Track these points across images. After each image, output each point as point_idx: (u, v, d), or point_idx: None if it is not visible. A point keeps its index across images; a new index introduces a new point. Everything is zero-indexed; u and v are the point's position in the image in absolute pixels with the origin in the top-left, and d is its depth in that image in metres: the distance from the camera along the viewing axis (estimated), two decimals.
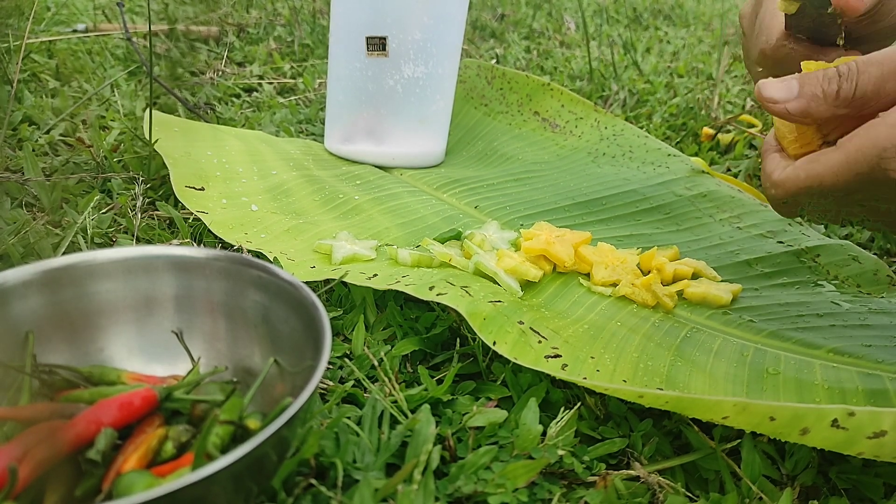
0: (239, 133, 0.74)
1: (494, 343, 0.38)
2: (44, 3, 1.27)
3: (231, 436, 0.30)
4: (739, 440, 0.35)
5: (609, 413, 0.39)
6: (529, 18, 1.57)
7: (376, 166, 0.72)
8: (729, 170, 0.80)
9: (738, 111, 0.97)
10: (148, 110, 0.63)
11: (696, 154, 0.83)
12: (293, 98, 0.97)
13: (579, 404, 0.38)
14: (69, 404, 0.32)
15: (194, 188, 0.59)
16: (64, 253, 0.48)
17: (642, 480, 0.34)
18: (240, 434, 0.30)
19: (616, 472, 0.34)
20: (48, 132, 0.71)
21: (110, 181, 0.62)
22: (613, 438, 0.36)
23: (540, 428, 0.35)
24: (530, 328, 0.41)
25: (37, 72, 0.91)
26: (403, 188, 0.65)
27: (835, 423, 0.30)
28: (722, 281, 0.51)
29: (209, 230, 0.53)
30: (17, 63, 0.76)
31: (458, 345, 0.43)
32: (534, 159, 0.74)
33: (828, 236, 0.58)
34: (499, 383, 0.40)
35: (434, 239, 0.52)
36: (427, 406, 0.35)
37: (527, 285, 0.49)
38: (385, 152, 0.72)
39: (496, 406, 0.38)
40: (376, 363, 0.40)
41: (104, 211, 0.57)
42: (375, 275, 0.46)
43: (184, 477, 0.23)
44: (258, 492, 0.29)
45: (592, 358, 0.40)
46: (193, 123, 0.74)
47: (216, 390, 0.33)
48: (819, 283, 0.51)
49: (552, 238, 0.51)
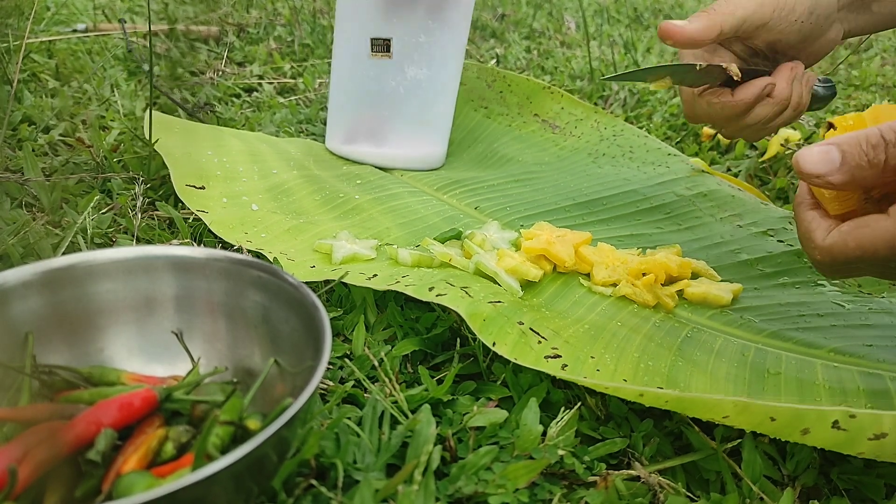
0: (239, 133, 0.74)
1: (494, 344, 0.38)
2: (44, 3, 1.27)
3: (231, 436, 0.30)
4: (740, 440, 0.35)
5: (610, 413, 0.38)
6: (530, 18, 1.57)
7: (377, 167, 0.72)
8: (729, 170, 0.80)
9: None
10: (148, 111, 0.63)
11: (697, 154, 0.83)
12: (293, 98, 0.97)
13: (580, 404, 0.38)
14: (69, 405, 0.32)
15: (195, 187, 0.59)
16: (64, 253, 0.48)
17: (643, 481, 0.34)
18: (240, 434, 0.30)
19: (617, 473, 0.34)
20: (48, 132, 0.71)
21: (110, 181, 0.62)
22: (614, 439, 0.36)
23: (540, 428, 0.35)
24: (530, 329, 0.41)
25: (37, 72, 0.91)
26: (404, 188, 0.65)
27: (835, 425, 0.30)
28: (722, 280, 0.51)
29: (209, 230, 0.53)
30: (17, 63, 0.76)
31: (459, 345, 0.43)
32: (534, 160, 0.74)
33: None
34: (499, 383, 0.40)
35: (434, 239, 0.52)
36: (427, 406, 0.35)
37: (527, 285, 0.49)
38: (386, 154, 0.72)
39: (497, 406, 0.38)
40: (376, 363, 0.40)
41: (104, 211, 0.57)
42: (375, 275, 0.46)
43: (184, 477, 0.23)
44: (258, 492, 0.29)
45: (593, 358, 0.40)
46: (193, 124, 0.74)
47: (216, 391, 0.33)
48: (820, 283, 0.51)
49: (553, 238, 0.51)
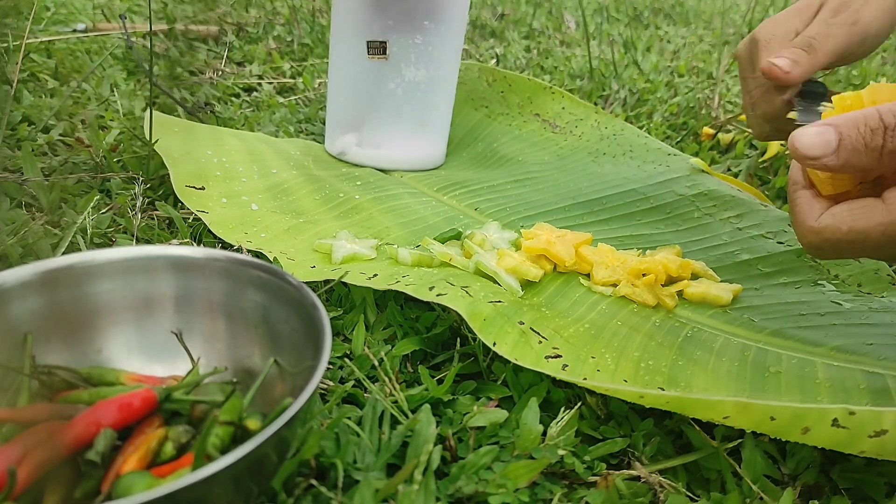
0: (238, 133, 0.74)
1: (495, 344, 0.38)
2: (43, 3, 1.27)
3: (231, 436, 0.30)
4: (741, 440, 0.35)
5: (610, 413, 0.38)
6: (529, 17, 1.57)
7: (377, 168, 0.72)
8: (729, 169, 0.80)
9: (739, 110, 0.97)
10: (147, 110, 0.63)
11: (697, 153, 0.83)
12: (293, 98, 0.96)
13: (580, 404, 0.37)
14: (68, 405, 0.31)
15: (195, 187, 0.58)
16: (63, 253, 0.48)
17: (643, 480, 0.34)
18: (240, 435, 0.30)
19: (617, 472, 0.34)
20: (47, 132, 0.71)
21: (109, 181, 0.62)
22: (614, 438, 0.36)
23: (541, 428, 0.35)
24: (531, 328, 0.41)
25: (36, 71, 0.91)
26: (404, 189, 0.65)
27: (835, 423, 0.30)
28: (722, 281, 0.51)
29: (209, 230, 0.53)
30: (17, 63, 0.76)
31: (459, 344, 0.43)
32: (534, 160, 0.74)
33: None
34: (499, 383, 0.40)
35: (434, 238, 0.52)
36: (427, 406, 0.35)
37: (527, 285, 0.49)
38: (385, 156, 0.72)
39: (497, 406, 0.38)
40: (376, 363, 0.40)
41: (103, 211, 0.57)
42: (375, 275, 0.46)
43: (183, 478, 0.23)
44: (258, 492, 0.29)
45: (593, 358, 0.40)
46: (193, 124, 0.74)
47: (216, 391, 0.32)
48: (819, 283, 0.51)
49: (553, 238, 0.51)
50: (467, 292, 0.43)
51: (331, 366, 0.40)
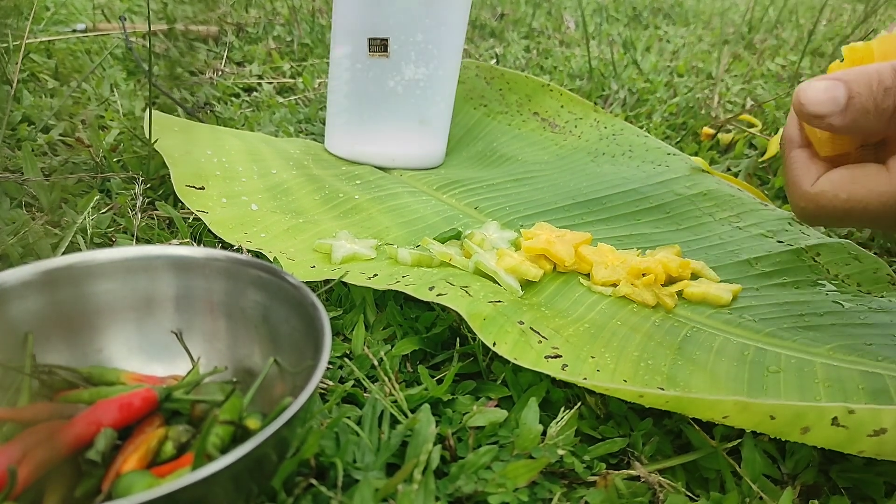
0: (238, 133, 0.74)
1: (494, 344, 0.38)
2: (43, 3, 1.27)
3: (231, 436, 0.30)
4: (740, 440, 0.35)
5: (609, 412, 0.38)
6: (529, 17, 1.57)
7: (376, 167, 0.72)
8: (729, 169, 0.80)
9: (738, 110, 0.97)
10: (147, 110, 0.63)
11: (696, 153, 0.83)
12: (292, 98, 0.96)
13: (580, 404, 0.38)
14: (68, 405, 0.32)
15: (194, 187, 0.58)
16: (63, 253, 0.48)
17: (643, 480, 0.34)
18: (240, 434, 0.30)
19: (617, 472, 0.34)
20: (47, 132, 0.71)
21: (109, 181, 0.62)
22: (614, 438, 0.36)
23: (540, 427, 0.35)
24: (530, 328, 0.41)
25: (36, 71, 0.91)
26: (403, 188, 0.65)
27: (835, 422, 0.30)
28: (722, 280, 0.51)
29: (209, 230, 0.53)
30: (17, 63, 0.76)
31: (458, 344, 0.43)
32: (533, 159, 0.74)
33: (828, 235, 0.58)
34: (499, 383, 0.40)
35: (434, 238, 0.52)
36: (427, 406, 0.35)
37: (527, 284, 0.49)
38: (385, 153, 0.72)
39: (496, 405, 0.38)
40: (376, 363, 0.40)
41: (103, 211, 0.57)
42: (375, 274, 0.46)
43: (183, 477, 0.23)
44: (258, 492, 0.29)
45: (593, 357, 0.40)
46: (193, 123, 0.74)
47: (216, 390, 0.33)
48: (819, 283, 0.51)
49: (552, 237, 0.51)
50: (467, 292, 0.43)
51: (331, 365, 0.41)
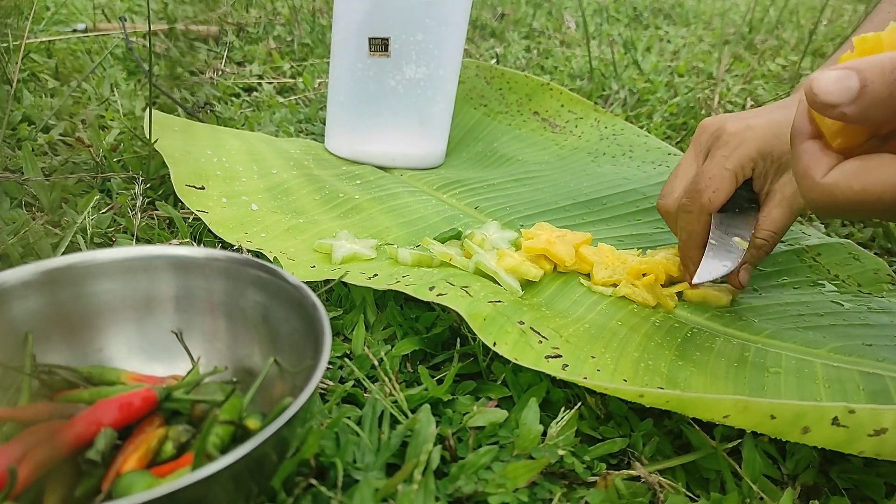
0: (238, 133, 0.74)
1: (495, 344, 0.38)
2: (43, 3, 1.27)
3: (231, 436, 0.30)
4: (740, 440, 0.35)
5: (610, 413, 0.38)
6: (529, 17, 1.57)
7: (376, 167, 0.72)
8: None
9: (739, 110, 0.97)
10: (148, 110, 0.63)
11: None
12: (293, 98, 0.96)
13: (580, 404, 0.38)
14: (69, 405, 0.32)
15: (195, 187, 0.58)
16: (63, 253, 0.48)
17: (643, 480, 0.34)
18: (240, 434, 0.30)
19: (617, 472, 0.34)
20: (47, 132, 0.71)
21: (110, 181, 0.62)
22: (614, 438, 0.36)
23: (540, 428, 0.35)
24: (531, 328, 0.41)
25: (36, 71, 0.91)
26: (403, 188, 0.65)
27: (835, 422, 0.30)
28: (722, 281, 0.51)
29: (209, 230, 0.53)
30: (17, 63, 0.76)
31: (459, 344, 0.43)
32: (534, 160, 0.74)
33: (828, 235, 0.58)
34: (499, 383, 0.40)
35: (434, 238, 0.52)
36: (427, 406, 0.35)
37: (527, 285, 0.49)
38: (385, 153, 0.72)
39: (496, 406, 0.38)
40: (376, 363, 0.40)
41: (104, 211, 0.57)
42: (375, 275, 0.46)
43: (183, 477, 0.23)
44: (258, 492, 0.29)
45: (593, 357, 0.40)
46: (193, 123, 0.74)
47: (216, 390, 0.33)
48: (819, 283, 0.51)
49: (553, 238, 0.51)
50: (467, 292, 0.43)
51: (331, 365, 0.41)
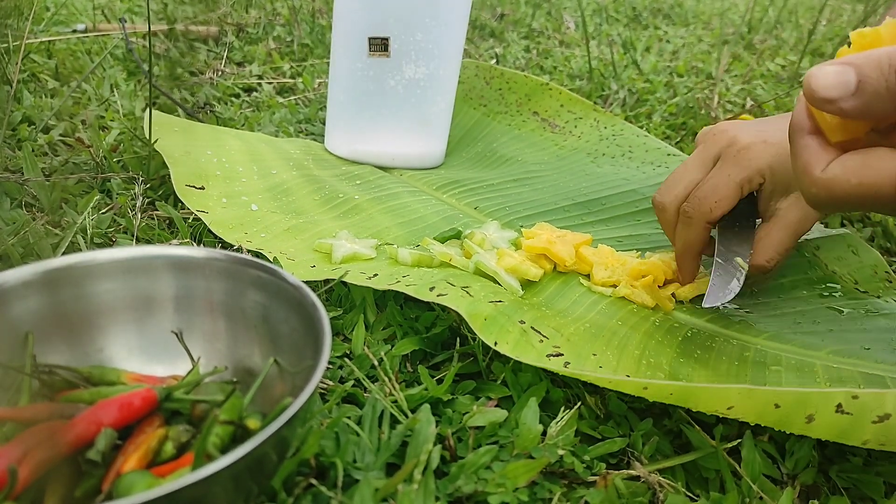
0: (238, 133, 0.74)
1: (496, 343, 0.38)
2: (43, 3, 1.27)
3: (231, 436, 0.30)
4: (740, 440, 0.35)
5: (609, 412, 0.38)
6: (529, 18, 1.57)
7: (376, 166, 0.72)
8: None
9: (738, 110, 0.97)
10: (147, 110, 0.63)
11: None
12: (293, 98, 0.97)
13: (579, 404, 0.38)
14: (69, 405, 0.32)
15: (194, 187, 0.59)
16: (63, 253, 0.48)
17: (643, 480, 0.34)
18: (240, 434, 0.30)
19: (616, 472, 0.34)
20: (48, 132, 0.71)
21: (110, 181, 0.62)
22: (614, 438, 0.36)
23: (540, 427, 0.35)
24: (531, 327, 0.41)
25: (36, 72, 0.91)
26: (403, 188, 0.65)
27: (839, 408, 0.30)
28: None
29: (209, 230, 0.53)
30: (17, 63, 0.76)
31: (458, 344, 0.43)
32: (533, 160, 0.74)
33: (824, 224, 0.58)
34: (499, 383, 0.40)
35: (434, 238, 0.52)
36: (427, 406, 0.35)
37: (527, 284, 0.49)
38: (385, 153, 0.72)
39: (496, 405, 0.38)
40: (376, 363, 0.40)
41: (104, 211, 0.57)
42: (376, 274, 0.46)
43: (184, 477, 0.23)
44: (258, 492, 0.29)
45: (594, 355, 0.40)
46: (193, 123, 0.74)
47: (216, 390, 0.33)
48: (817, 283, 0.51)
49: (553, 238, 0.51)
50: (467, 292, 0.43)
51: (330, 365, 0.41)
